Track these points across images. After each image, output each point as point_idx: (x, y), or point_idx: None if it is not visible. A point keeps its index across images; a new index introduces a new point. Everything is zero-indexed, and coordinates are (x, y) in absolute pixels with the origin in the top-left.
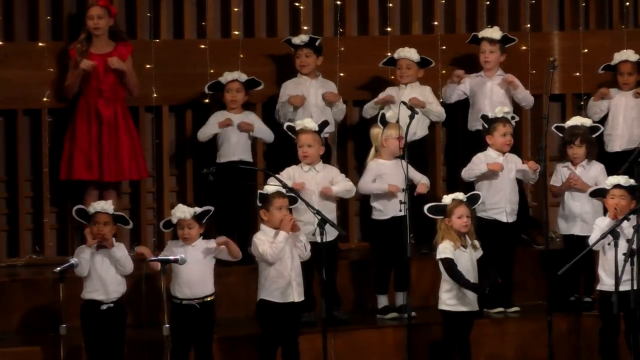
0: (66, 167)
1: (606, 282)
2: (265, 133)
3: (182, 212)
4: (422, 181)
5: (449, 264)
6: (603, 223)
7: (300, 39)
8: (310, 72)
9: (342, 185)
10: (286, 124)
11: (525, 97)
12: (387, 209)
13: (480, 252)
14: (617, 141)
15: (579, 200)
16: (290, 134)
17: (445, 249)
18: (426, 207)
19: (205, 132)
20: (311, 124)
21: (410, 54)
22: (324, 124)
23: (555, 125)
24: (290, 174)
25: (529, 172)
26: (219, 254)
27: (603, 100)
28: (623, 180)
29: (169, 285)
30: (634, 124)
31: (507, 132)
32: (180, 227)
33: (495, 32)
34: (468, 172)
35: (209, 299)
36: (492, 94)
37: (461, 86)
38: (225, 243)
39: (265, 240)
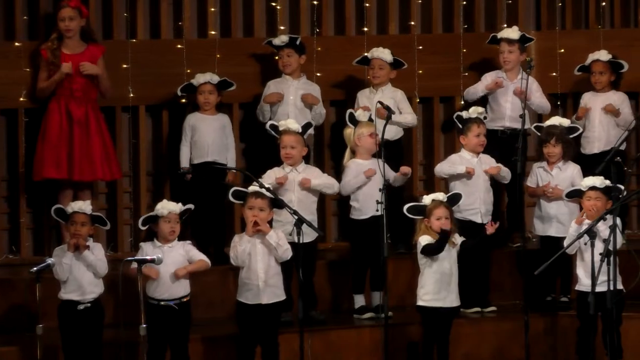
0: (37, 167)
1: (584, 282)
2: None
3: (174, 205)
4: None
5: (429, 246)
6: (573, 229)
7: (281, 39)
8: (293, 71)
9: (323, 178)
10: (269, 122)
11: (540, 104)
12: (366, 209)
13: (460, 240)
14: (595, 143)
15: (555, 202)
16: (273, 132)
17: (424, 239)
18: (405, 207)
19: (184, 153)
20: (294, 125)
21: (383, 54)
22: (307, 126)
23: (535, 124)
24: (272, 177)
25: (503, 177)
26: (192, 257)
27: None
28: (599, 181)
29: (145, 286)
30: (610, 126)
31: (481, 132)
32: (167, 221)
33: (513, 32)
34: (442, 167)
35: (185, 299)
36: (514, 97)
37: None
38: (186, 274)
39: (237, 243)
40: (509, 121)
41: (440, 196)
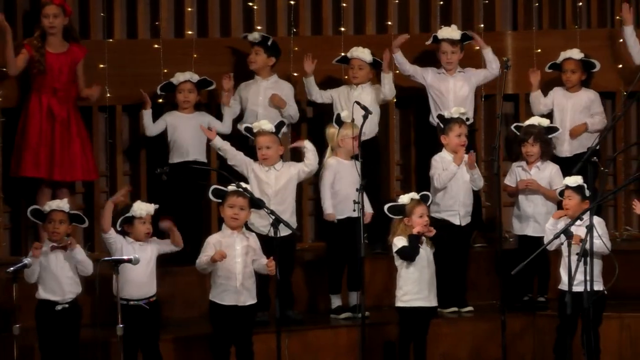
0: (15, 163)
1: (565, 281)
2: (219, 127)
3: (150, 206)
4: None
5: (405, 250)
6: (549, 223)
7: (253, 36)
8: (259, 70)
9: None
10: (243, 125)
11: (477, 180)
12: (342, 209)
13: (433, 249)
14: (566, 146)
15: (533, 201)
16: (248, 134)
17: (399, 241)
18: (386, 207)
19: (154, 128)
20: (268, 125)
21: (363, 54)
22: (280, 125)
23: (515, 124)
24: (251, 167)
25: (475, 179)
26: (162, 248)
27: (546, 96)
28: (571, 180)
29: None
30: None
31: (462, 133)
32: (143, 222)
33: (455, 32)
34: (440, 181)
35: (153, 299)
36: (456, 90)
37: (418, 75)
38: (170, 229)
39: (209, 249)
40: None
41: (416, 195)
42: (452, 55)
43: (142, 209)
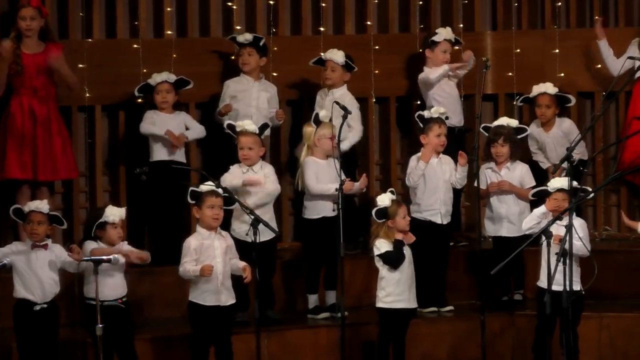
0: None
1: (544, 279)
2: (198, 132)
3: (122, 211)
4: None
5: (390, 257)
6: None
7: (245, 37)
8: (252, 71)
9: (268, 186)
10: (227, 122)
11: (462, 178)
12: (320, 209)
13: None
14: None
15: (506, 202)
16: (231, 132)
17: (382, 244)
18: (374, 211)
19: (148, 129)
20: (251, 126)
21: (336, 56)
22: (264, 127)
23: (483, 125)
24: (234, 173)
25: (463, 176)
26: (132, 257)
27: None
28: (561, 183)
29: (84, 287)
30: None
31: (442, 133)
32: (115, 227)
33: (451, 35)
34: (410, 178)
35: (125, 298)
36: (450, 89)
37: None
38: (128, 255)
39: (190, 259)
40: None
41: (392, 195)
42: (450, 55)
43: (115, 214)
